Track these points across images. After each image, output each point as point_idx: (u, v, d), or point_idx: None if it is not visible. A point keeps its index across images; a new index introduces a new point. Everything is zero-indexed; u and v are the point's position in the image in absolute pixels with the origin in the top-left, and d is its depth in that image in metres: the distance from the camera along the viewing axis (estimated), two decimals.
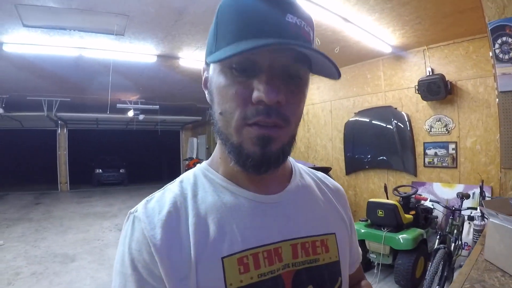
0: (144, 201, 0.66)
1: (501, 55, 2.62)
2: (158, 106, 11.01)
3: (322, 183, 0.82)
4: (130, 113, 11.37)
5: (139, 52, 5.89)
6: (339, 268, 0.70)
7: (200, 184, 0.68)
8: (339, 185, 0.87)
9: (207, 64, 0.66)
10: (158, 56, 6.14)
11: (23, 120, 12.74)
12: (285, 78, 0.58)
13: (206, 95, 0.67)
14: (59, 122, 13.24)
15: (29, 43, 5.12)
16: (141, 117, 11.51)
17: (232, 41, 0.55)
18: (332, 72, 0.59)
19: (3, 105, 9.82)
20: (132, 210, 0.65)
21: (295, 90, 0.61)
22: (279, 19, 0.55)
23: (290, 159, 0.78)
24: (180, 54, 6.20)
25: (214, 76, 0.62)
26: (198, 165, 0.74)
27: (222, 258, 0.58)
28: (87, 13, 4.19)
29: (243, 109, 0.57)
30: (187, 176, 0.71)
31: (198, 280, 0.56)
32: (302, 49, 0.54)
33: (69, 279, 4.41)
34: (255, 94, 0.56)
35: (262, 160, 0.59)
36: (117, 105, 10.27)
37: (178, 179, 0.70)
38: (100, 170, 16.08)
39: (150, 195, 0.67)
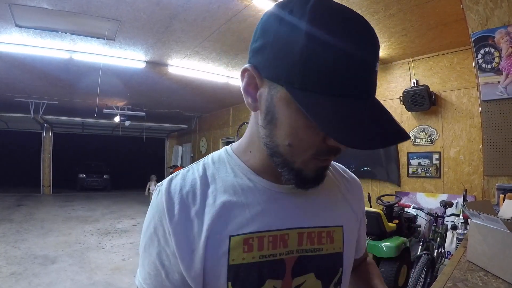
0: (170, 177, 0.70)
1: (484, 65, 2.72)
2: (144, 113, 10.96)
3: (339, 174, 0.85)
4: (117, 119, 11.25)
5: (128, 57, 5.91)
6: (341, 259, 0.73)
7: (222, 168, 0.70)
8: (355, 177, 0.89)
9: (257, 72, 0.59)
10: (147, 62, 6.16)
11: (9, 121, 12.64)
12: None
13: (250, 101, 0.63)
14: (45, 125, 13.09)
15: (21, 43, 5.10)
16: (127, 123, 11.36)
17: (326, 90, 0.51)
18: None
19: None
20: (159, 184, 0.69)
21: None
22: (371, 71, 0.54)
23: None
24: (169, 62, 6.23)
25: (282, 105, 0.57)
26: (224, 147, 0.76)
27: (230, 236, 0.62)
28: (79, 16, 4.20)
29: (316, 148, 0.58)
30: (212, 158, 0.73)
31: (206, 253, 0.61)
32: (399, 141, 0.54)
33: (48, 281, 4.33)
34: (333, 142, 0.56)
35: (314, 181, 0.64)
36: (104, 110, 10.18)
37: (203, 160, 0.73)
38: (84, 175, 15.93)
39: (176, 172, 0.71)
